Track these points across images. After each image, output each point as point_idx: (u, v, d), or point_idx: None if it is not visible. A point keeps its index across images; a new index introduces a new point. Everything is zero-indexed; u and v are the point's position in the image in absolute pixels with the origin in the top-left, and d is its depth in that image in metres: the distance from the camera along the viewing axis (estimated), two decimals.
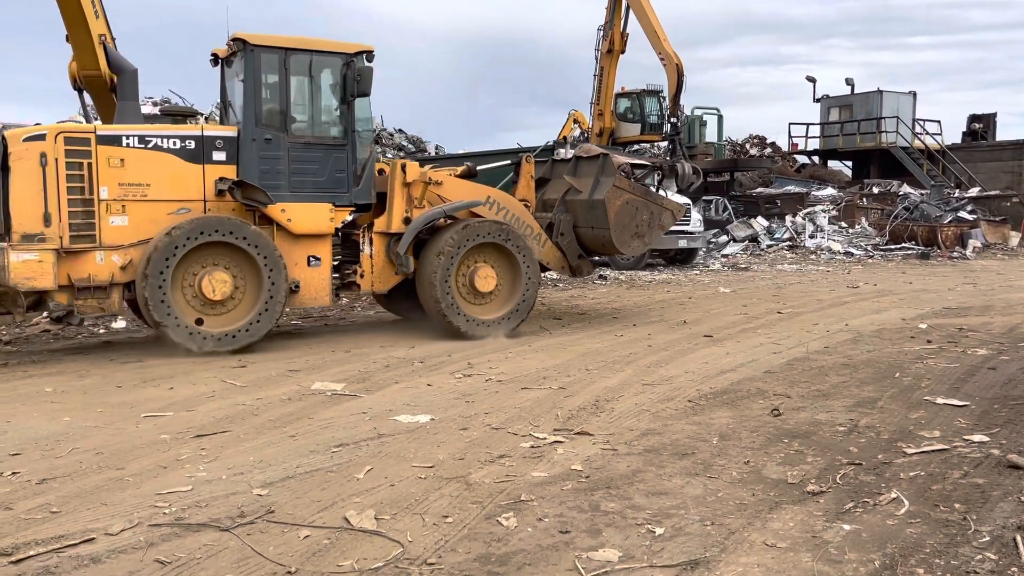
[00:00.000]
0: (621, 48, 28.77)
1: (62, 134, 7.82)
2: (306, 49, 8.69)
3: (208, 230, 8.13)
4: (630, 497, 4.36)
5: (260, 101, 8.55)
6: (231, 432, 5.61)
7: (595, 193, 9.83)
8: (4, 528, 3.98)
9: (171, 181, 8.23)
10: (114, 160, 7.96)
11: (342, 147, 8.87)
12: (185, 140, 8.29)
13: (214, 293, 8.19)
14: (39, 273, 7.66)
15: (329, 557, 3.67)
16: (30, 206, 7.69)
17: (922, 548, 3.66)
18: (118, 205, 8.00)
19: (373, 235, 9.22)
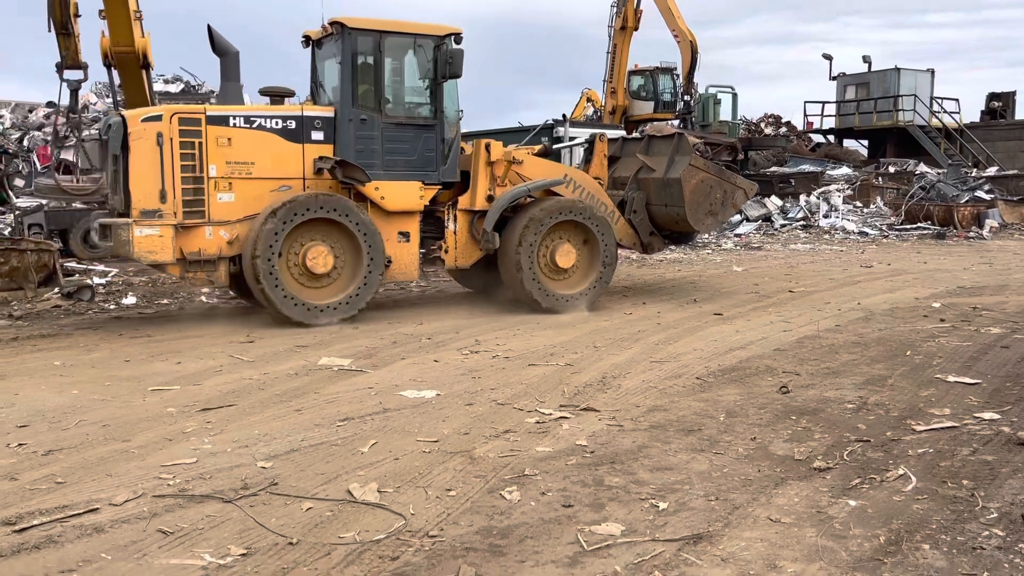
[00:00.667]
0: (635, 25, 28.45)
1: (176, 114, 8.14)
2: (399, 32, 8.90)
3: (314, 207, 8.37)
4: (634, 472, 4.34)
5: (356, 83, 8.74)
6: (237, 406, 5.62)
7: (670, 172, 10.04)
8: (9, 498, 4.00)
9: (273, 159, 8.50)
10: (222, 139, 8.25)
11: (432, 127, 9.08)
12: (286, 120, 8.55)
13: (317, 267, 8.44)
14: (160, 247, 8.03)
15: (331, 529, 3.66)
16: (148, 183, 8.00)
17: (928, 524, 3.62)
18: (225, 182, 8.31)
19: (457, 212, 9.41)
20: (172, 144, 8.02)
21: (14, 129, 24.39)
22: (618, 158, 11.04)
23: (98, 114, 24.67)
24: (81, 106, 25.57)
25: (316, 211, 8.37)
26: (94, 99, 25.58)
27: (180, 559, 3.38)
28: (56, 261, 10.97)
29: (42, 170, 21.74)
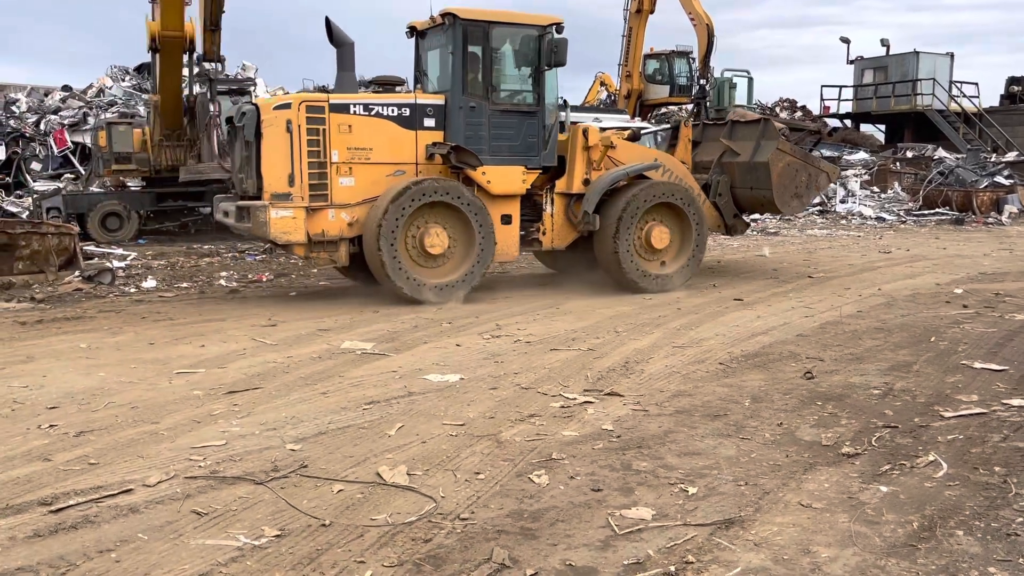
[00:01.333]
0: (650, 8, 28.19)
1: (304, 103, 8.56)
2: (506, 22, 9.21)
3: (432, 192, 8.76)
4: (662, 457, 4.34)
5: (466, 71, 9.03)
6: (263, 389, 5.65)
7: (757, 156, 10.38)
8: (44, 479, 4.04)
9: (390, 145, 8.87)
10: (343, 126, 8.63)
11: (534, 114, 9.38)
12: (401, 108, 8.91)
13: (435, 248, 8.85)
14: (292, 228, 8.51)
15: (363, 511, 3.69)
16: (278, 168, 8.46)
17: (961, 510, 3.60)
18: (346, 167, 8.69)
19: (554, 195, 9.70)
20: (300, 131, 8.43)
21: (30, 113, 24.48)
22: (699, 143, 11.35)
23: (114, 98, 24.75)
24: (97, 90, 25.73)
25: (435, 195, 8.78)
26: (110, 83, 25.64)
27: (215, 539, 3.41)
28: (76, 244, 11.04)
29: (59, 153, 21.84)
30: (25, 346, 7.01)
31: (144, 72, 26.45)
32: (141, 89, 25.49)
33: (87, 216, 16.46)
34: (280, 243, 8.62)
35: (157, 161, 17.16)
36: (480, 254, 9.06)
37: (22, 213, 18.28)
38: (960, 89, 30.77)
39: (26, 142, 22.48)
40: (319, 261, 8.98)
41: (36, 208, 17.68)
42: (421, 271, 8.89)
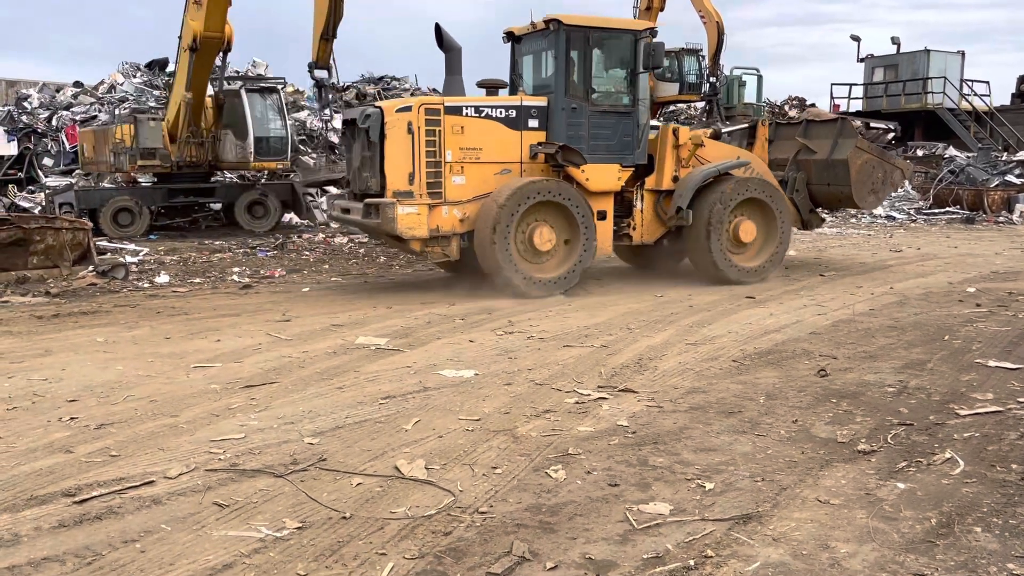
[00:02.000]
0: (660, 6, 28.10)
1: (423, 105, 9.01)
2: (606, 27, 9.70)
3: (544, 191, 9.22)
4: (678, 453, 4.36)
5: (568, 74, 9.49)
6: (279, 383, 5.69)
7: (835, 153, 10.84)
8: (66, 470, 4.09)
9: (497, 145, 9.34)
10: (456, 128, 9.11)
11: (630, 114, 9.80)
12: (508, 109, 9.38)
13: (543, 244, 9.28)
14: (417, 224, 8.98)
15: (382, 504, 3.72)
16: (400, 167, 8.93)
17: (979, 507, 3.62)
18: (458, 166, 9.16)
19: (644, 192, 10.11)
20: (419, 132, 8.91)
21: (42, 109, 24.61)
22: (771, 141, 11.70)
23: (125, 94, 24.85)
24: (108, 86, 25.84)
25: (547, 195, 9.23)
26: (121, 79, 25.74)
27: (238, 531, 3.44)
28: (90, 240, 11.11)
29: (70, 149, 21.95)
30: (43, 339, 7.07)
31: (154, 68, 26.56)
32: (152, 85, 25.59)
33: (99, 211, 16.54)
34: (405, 238, 9.03)
35: (182, 157, 17.34)
36: (584, 250, 9.47)
37: (34, 208, 18.39)
38: (971, 87, 30.61)
39: (38, 138, 22.61)
40: (433, 255, 9.36)
41: (48, 204, 17.79)
42: (528, 266, 9.28)
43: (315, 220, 19.24)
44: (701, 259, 10.15)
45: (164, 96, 24.20)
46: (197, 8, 15.21)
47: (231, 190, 18.60)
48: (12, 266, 10.14)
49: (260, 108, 17.95)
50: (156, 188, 18.13)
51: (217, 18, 15.25)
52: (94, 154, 18.37)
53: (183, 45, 15.83)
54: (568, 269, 9.40)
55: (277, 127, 18.33)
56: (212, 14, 15.08)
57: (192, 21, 15.31)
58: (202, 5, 15.05)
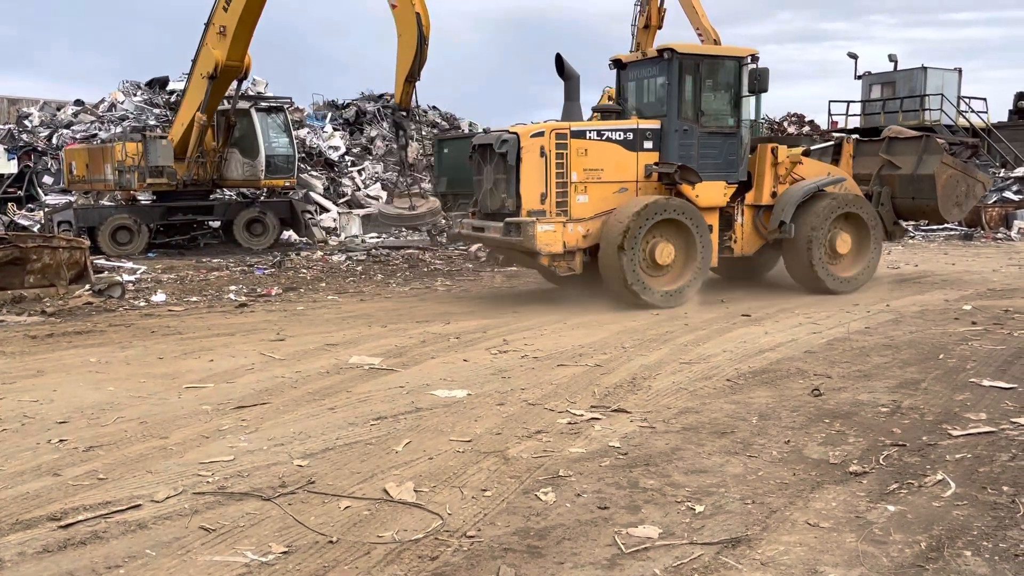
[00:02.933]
0: (658, 24, 28.25)
1: (554, 131, 9.64)
2: (714, 55, 10.59)
3: (667, 209, 9.81)
4: (669, 474, 4.34)
5: (681, 98, 10.15)
6: (271, 404, 5.68)
7: (920, 168, 11.45)
8: (53, 494, 4.07)
9: (616, 166, 9.98)
10: (581, 150, 9.75)
11: (734, 135, 10.51)
12: (625, 132, 10.02)
13: (663, 259, 9.82)
14: (553, 240, 9.60)
15: (370, 527, 3.70)
16: (534, 188, 9.61)
17: (969, 530, 3.59)
18: (582, 186, 9.79)
19: (744, 207, 10.77)
20: (551, 155, 9.57)
21: (43, 127, 24.71)
22: (854, 157, 12.31)
23: (125, 112, 24.97)
24: (108, 104, 25.98)
25: (670, 213, 9.81)
26: (121, 97, 25.86)
27: (223, 556, 3.42)
28: (87, 258, 11.13)
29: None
30: (36, 360, 7.06)
31: (155, 87, 26.69)
32: (152, 103, 25.71)
33: (98, 229, 16.58)
34: (543, 253, 9.62)
35: (188, 175, 17.53)
36: (700, 263, 10.05)
37: (33, 227, 18.43)
38: (968, 104, 30.72)
39: (38, 156, 22.70)
40: (560, 269, 9.91)
41: (47, 221, 17.83)
42: (649, 279, 9.82)
43: (313, 238, 19.28)
44: (801, 270, 10.81)
45: (165, 115, 24.32)
46: (220, 38, 15.74)
47: (230, 208, 18.66)
48: (8, 285, 10.15)
49: (268, 127, 18.13)
50: (155, 206, 18.18)
51: (240, 48, 15.95)
52: (87, 172, 18.35)
53: (202, 72, 16.28)
54: (687, 281, 9.99)
55: (284, 145, 18.48)
56: (236, 45, 15.76)
57: (214, 50, 15.82)
58: (226, 36, 15.60)
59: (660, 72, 10.36)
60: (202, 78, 16.32)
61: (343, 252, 17.21)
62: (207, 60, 16.07)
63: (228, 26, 15.66)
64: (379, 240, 20.31)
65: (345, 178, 25.66)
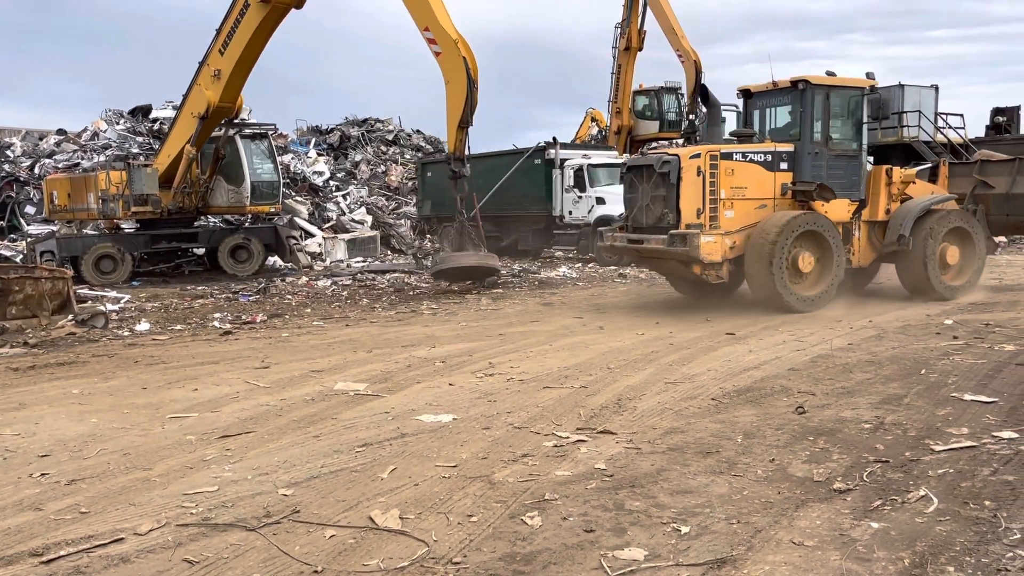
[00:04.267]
0: (639, 45, 28.63)
1: (709, 152, 10.82)
2: (841, 85, 11.53)
3: (809, 223, 10.91)
4: (655, 496, 4.35)
5: (813, 124, 11.30)
6: (255, 433, 5.65)
7: (1015, 188, 12.47)
8: (35, 528, 4.03)
9: (757, 184, 11.13)
10: (728, 170, 10.88)
11: (856, 157, 11.73)
12: (765, 154, 11.18)
13: (805, 267, 10.86)
14: (714, 251, 10.66)
15: (355, 557, 3.68)
16: (691, 204, 10.72)
17: (952, 546, 3.61)
18: (729, 202, 10.91)
19: (862, 223, 11.82)
20: (705, 175, 10.70)
21: (25, 157, 24.62)
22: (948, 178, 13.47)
23: (108, 141, 24.93)
24: (91, 133, 25.95)
25: (812, 226, 10.92)
26: (104, 126, 25.84)
27: None
28: (70, 288, 11.06)
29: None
30: (17, 393, 7.00)
31: (138, 115, 26.69)
32: (135, 132, 25.70)
33: (81, 259, 16.50)
34: (705, 262, 10.64)
35: (175, 204, 17.59)
36: (836, 272, 11.08)
37: (16, 257, 18.31)
38: (946, 121, 31.12)
39: (20, 186, 22.61)
40: (710, 277, 10.84)
41: (30, 252, 17.72)
42: (792, 285, 10.84)
43: (298, 263, 19.25)
44: (915, 279, 11.84)
45: (149, 143, 24.31)
46: (214, 80, 15.86)
47: (214, 235, 18.63)
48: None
49: (253, 153, 18.21)
50: (139, 234, 18.12)
51: (234, 91, 16.22)
52: (69, 201, 18.29)
53: (192, 111, 16.38)
54: (824, 288, 11.04)
55: (268, 172, 18.53)
56: (230, 88, 16.00)
57: (207, 91, 15.96)
58: (220, 79, 15.74)
59: (792, 100, 11.56)
60: (192, 117, 16.40)
61: (328, 277, 17.19)
62: (199, 100, 16.19)
63: (223, 70, 15.78)
64: (364, 264, 20.30)
65: (330, 203, 25.68)
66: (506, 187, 20.67)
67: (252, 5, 15.18)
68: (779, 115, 11.90)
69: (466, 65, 13.58)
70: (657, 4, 26.72)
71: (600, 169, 20.69)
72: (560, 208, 20.93)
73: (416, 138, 32.57)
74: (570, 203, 20.64)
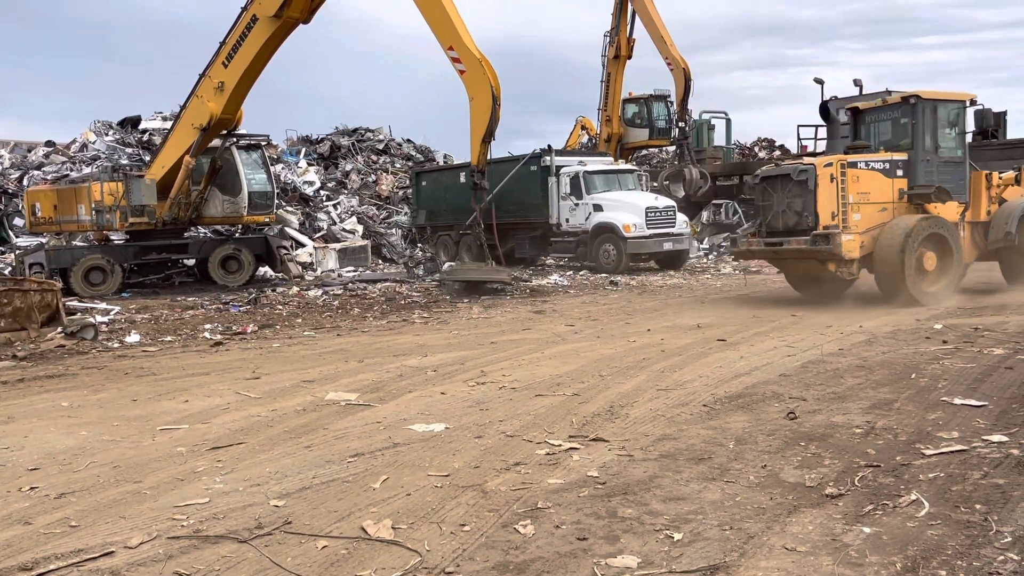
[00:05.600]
0: (628, 54, 28.77)
1: (839, 162, 12.06)
2: (947, 99, 12.69)
3: (934, 225, 12.02)
4: (647, 503, 4.34)
5: (924, 135, 12.39)
6: (247, 444, 5.62)
7: None
8: (24, 543, 3.99)
9: (878, 190, 12.29)
10: (855, 177, 12.08)
11: (961, 163, 12.89)
12: (884, 163, 12.37)
13: (929, 266, 11.95)
14: (852, 248, 11.89)
15: (347, 567, 3.66)
16: (827, 208, 11.93)
17: (944, 550, 3.63)
18: (855, 206, 12.08)
19: (966, 224, 12.90)
20: (837, 181, 11.90)
21: (13, 168, 24.53)
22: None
23: (97, 152, 24.86)
24: (80, 144, 25.88)
25: (936, 228, 12.01)
26: (93, 137, 25.77)
27: None
28: (59, 300, 10.99)
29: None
30: (6, 406, 6.96)
31: (127, 126, 26.64)
32: (124, 143, 25.64)
33: (70, 271, 16.43)
34: (846, 259, 11.82)
35: (170, 215, 17.59)
36: (956, 269, 12.19)
37: (4, 269, 18.21)
38: None
39: (8, 198, 22.51)
40: (844, 274, 12.06)
41: (19, 264, 17.64)
42: (919, 282, 11.87)
43: (289, 273, 19.22)
44: (1022, 272, 12.94)
45: (138, 154, 24.25)
46: (217, 92, 15.99)
47: (204, 245, 18.59)
48: None
49: (248, 164, 18.24)
50: (128, 246, 18.06)
51: (236, 103, 16.45)
52: (56, 213, 18.19)
53: (193, 122, 16.45)
54: (945, 284, 12.09)
55: (261, 182, 18.55)
56: (233, 100, 16.23)
57: (209, 103, 16.05)
58: (224, 91, 15.89)
59: (904, 114, 12.71)
60: (193, 128, 16.47)
61: (319, 287, 17.16)
62: (201, 112, 16.27)
63: (227, 82, 15.94)
64: (355, 274, 20.28)
65: (320, 212, 25.66)
66: (502, 195, 20.62)
67: (260, 20, 15.35)
68: (885, 128, 13.23)
69: (490, 83, 14.20)
70: (646, 12, 26.87)
71: (596, 176, 20.67)
72: (557, 215, 20.88)
73: (407, 147, 32.60)
74: (567, 210, 20.61)
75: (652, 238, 19.62)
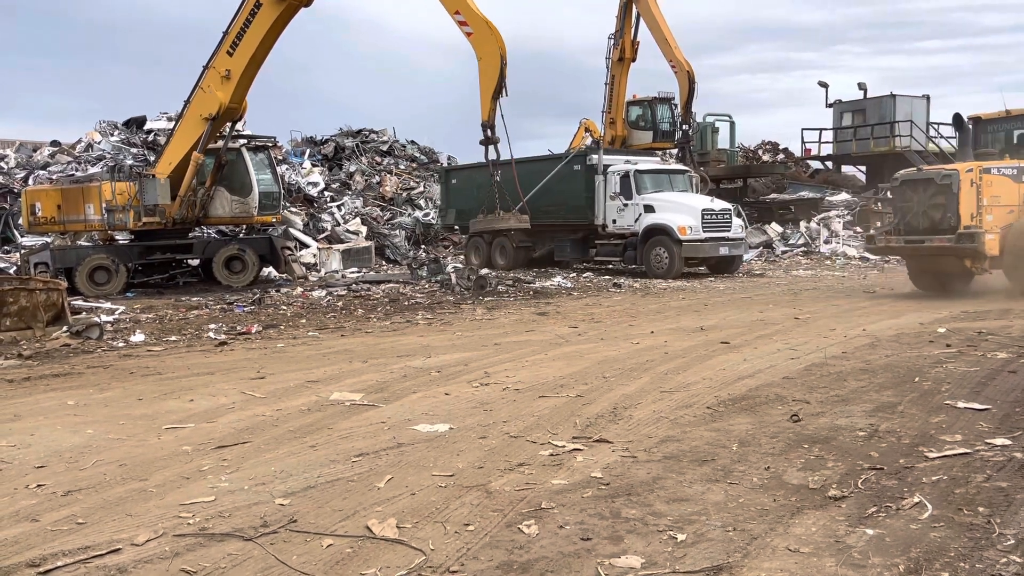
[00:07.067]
0: (632, 56, 28.78)
1: (978, 168, 13.04)
2: None
3: None
4: (651, 504, 4.36)
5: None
6: (252, 443, 5.65)
7: None
8: (31, 539, 4.02)
9: (1007, 193, 13.23)
10: (988, 182, 13.03)
11: None
12: (1013, 169, 13.35)
13: None
14: (993, 246, 12.79)
15: (352, 565, 3.68)
16: (967, 209, 12.89)
17: (947, 552, 3.64)
18: (989, 208, 12.98)
19: None
20: (976, 185, 12.87)
21: (19, 168, 24.61)
22: None
23: (102, 152, 24.93)
24: (85, 144, 25.95)
25: None
26: (98, 137, 25.85)
27: None
28: (64, 300, 11.05)
29: None
30: (12, 404, 6.99)
31: (132, 126, 26.72)
32: (129, 143, 25.71)
33: (75, 270, 16.48)
34: (988, 256, 12.79)
35: (181, 214, 17.65)
36: None
37: (10, 269, 18.27)
38: (937, 130, 31.34)
39: (14, 198, 22.58)
40: (977, 270, 13.08)
41: (24, 263, 17.70)
42: None
43: (293, 274, 19.26)
44: None
45: (143, 154, 24.32)
46: (224, 81, 16.26)
47: (209, 246, 18.62)
48: None
49: (257, 164, 18.32)
50: (133, 245, 18.10)
51: (242, 92, 16.69)
52: (59, 213, 18.14)
53: (201, 113, 16.63)
54: None
55: (269, 182, 18.61)
56: (240, 88, 16.48)
57: (217, 92, 16.27)
58: (231, 79, 16.16)
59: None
60: (202, 119, 16.64)
61: (323, 288, 17.19)
62: (209, 102, 16.45)
63: (233, 70, 16.17)
64: (360, 275, 20.31)
65: (325, 213, 25.71)
66: (542, 194, 19.61)
67: (265, 4, 15.66)
68: (1008, 136, 14.40)
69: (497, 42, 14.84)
70: (650, 15, 26.89)
71: (647, 175, 19.83)
72: (603, 216, 19.95)
73: (411, 148, 32.65)
74: (615, 211, 19.65)
75: (708, 242, 18.61)
